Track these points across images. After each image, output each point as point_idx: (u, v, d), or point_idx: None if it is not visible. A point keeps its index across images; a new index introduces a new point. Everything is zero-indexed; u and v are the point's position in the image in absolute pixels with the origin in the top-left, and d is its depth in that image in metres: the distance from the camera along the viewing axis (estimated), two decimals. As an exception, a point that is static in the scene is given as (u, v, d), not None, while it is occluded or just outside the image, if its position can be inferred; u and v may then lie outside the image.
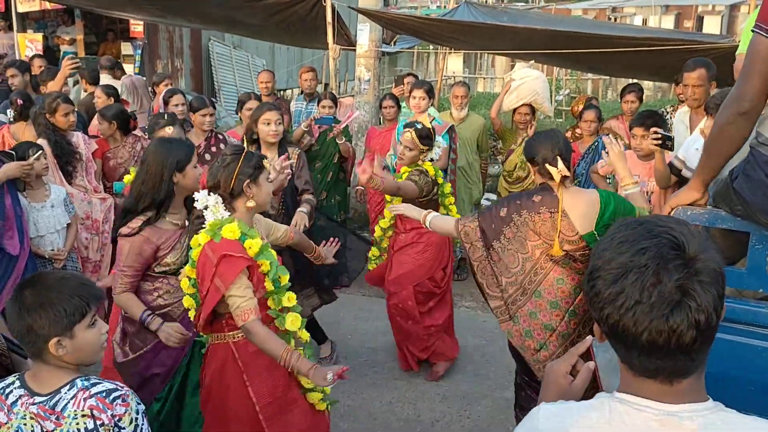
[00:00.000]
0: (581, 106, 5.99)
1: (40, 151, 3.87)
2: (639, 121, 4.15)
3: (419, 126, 4.02)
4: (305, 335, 2.65)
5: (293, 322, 2.54)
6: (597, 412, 1.12)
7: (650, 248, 1.03)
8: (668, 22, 23.65)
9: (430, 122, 5.22)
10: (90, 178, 4.54)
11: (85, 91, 5.81)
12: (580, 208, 2.76)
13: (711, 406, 1.09)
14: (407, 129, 3.97)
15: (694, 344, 1.02)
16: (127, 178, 3.35)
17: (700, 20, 24.31)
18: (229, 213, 2.49)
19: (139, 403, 1.75)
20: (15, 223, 3.70)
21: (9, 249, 3.65)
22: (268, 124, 3.87)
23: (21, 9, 9.62)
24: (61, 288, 1.74)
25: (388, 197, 4.18)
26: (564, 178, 2.80)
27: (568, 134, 6.08)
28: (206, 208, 2.45)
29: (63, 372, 1.73)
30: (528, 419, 1.20)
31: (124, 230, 2.80)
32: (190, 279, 2.55)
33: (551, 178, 2.81)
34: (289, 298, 2.55)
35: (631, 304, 1.02)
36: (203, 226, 2.47)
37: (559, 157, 2.77)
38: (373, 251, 4.44)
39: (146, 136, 4.75)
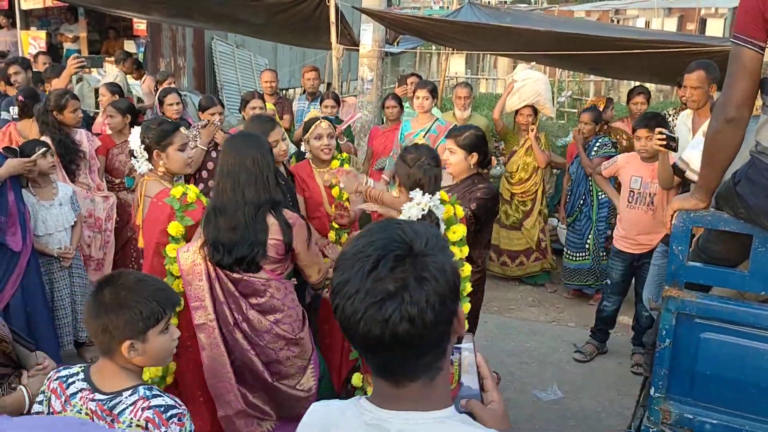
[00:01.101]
0: (601, 107, 5.97)
1: (46, 149, 3.87)
2: (643, 123, 4.17)
3: (322, 116, 4.02)
4: None
5: None
6: (339, 412, 1.14)
7: (378, 241, 1.04)
8: (671, 25, 23.63)
9: (434, 122, 5.26)
10: (93, 176, 4.56)
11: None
12: None
13: (438, 416, 1.07)
14: (320, 120, 3.77)
15: (410, 339, 1.00)
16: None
17: (702, 23, 24.28)
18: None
19: (191, 424, 1.74)
20: (18, 220, 3.71)
21: (12, 245, 3.66)
22: (276, 144, 3.44)
23: (24, 6, 9.62)
24: (140, 291, 1.73)
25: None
26: None
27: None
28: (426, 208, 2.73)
29: (127, 374, 1.73)
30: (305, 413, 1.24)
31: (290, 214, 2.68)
32: None
33: (486, 167, 3.28)
34: None
35: (353, 292, 1.01)
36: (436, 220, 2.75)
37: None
38: None
39: None
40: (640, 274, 4.36)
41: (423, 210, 2.70)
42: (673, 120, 4.88)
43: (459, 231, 2.84)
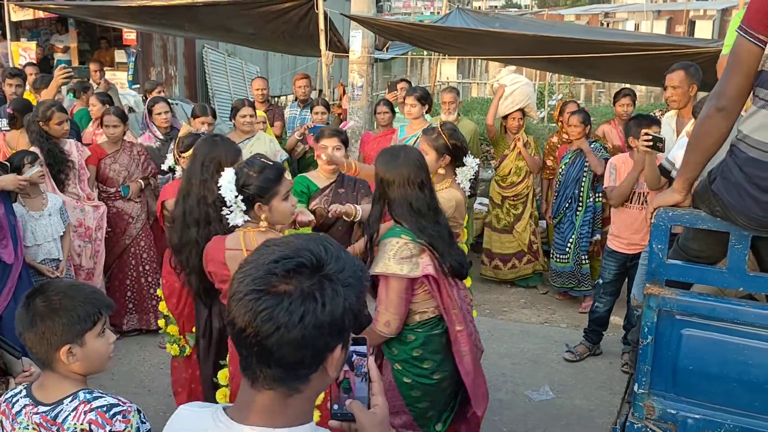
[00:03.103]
0: (558, 110, 6.13)
1: (36, 168, 3.89)
2: (639, 124, 4.19)
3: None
4: None
5: None
6: (199, 420, 1.12)
7: (293, 245, 1.04)
8: (660, 27, 23.80)
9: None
10: (83, 186, 4.57)
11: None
12: None
13: None
14: None
15: (268, 342, 0.99)
16: None
17: (691, 25, 24.47)
18: None
19: (143, 422, 1.72)
20: (9, 232, 3.71)
21: (3, 257, 3.65)
22: None
23: (14, 18, 9.62)
24: (73, 295, 1.74)
25: None
26: None
27: (554, 139, 6.15)
28: None
29: (69, 382, 1.73)
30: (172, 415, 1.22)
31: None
32: None
33: None
34: None
35: (243, 276, 1.02)
36: None
37: None
38: None
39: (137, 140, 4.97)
40: (632, 275, 4.38)
41: (474, 169, 2.86)
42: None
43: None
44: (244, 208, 2.46)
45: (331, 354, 1.05)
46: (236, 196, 2.44)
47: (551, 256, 5.70)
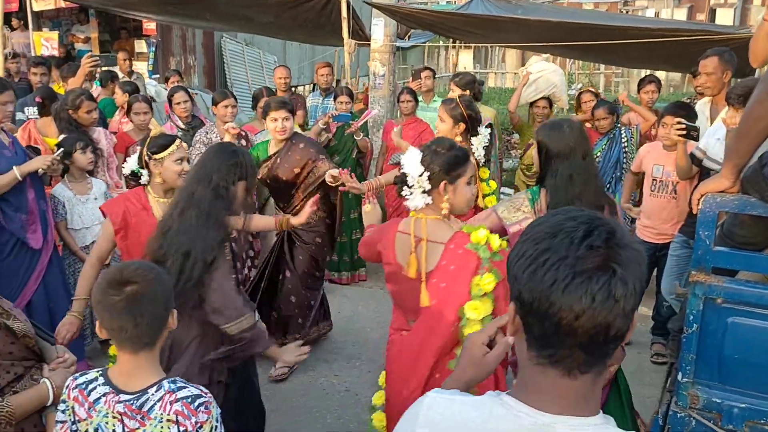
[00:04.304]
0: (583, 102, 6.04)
1: (89, 146, 4.00)
2: (671, 110, 4.11)
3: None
4: None
5: None
6: (478, 410, 1.04)
7: (580, 217, 0.98)
8: (681, 15, 23.48)
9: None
10: (111, 174, 4.60)
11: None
12: None
13: (597, 422, 1.00)
14: (180, 141, 2.99)
15: (605, 321, 0.93)
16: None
17: (712, 13, 24.11)
18: None
19: (217, 409, 1.75)
20: (38, 217, 3.72)
21: (31, 243, 3.66)
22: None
23: (36, 8, 9.68)
24: (154, 273, 1.75)
25: None
26: None
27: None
28: None
29: (150, 371, 1.73)
30: (414, 405, 1.12)
31: None
32: None
33: None
34: None
35: (556, 260, 0.94)
36: None
37: None
38: None
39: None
40: (661, 265, 4.32)
41: (487, 138, 3.03)
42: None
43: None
44: (429, 187, 2.24)
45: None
46: (421, 174, 2.24)
47: None
